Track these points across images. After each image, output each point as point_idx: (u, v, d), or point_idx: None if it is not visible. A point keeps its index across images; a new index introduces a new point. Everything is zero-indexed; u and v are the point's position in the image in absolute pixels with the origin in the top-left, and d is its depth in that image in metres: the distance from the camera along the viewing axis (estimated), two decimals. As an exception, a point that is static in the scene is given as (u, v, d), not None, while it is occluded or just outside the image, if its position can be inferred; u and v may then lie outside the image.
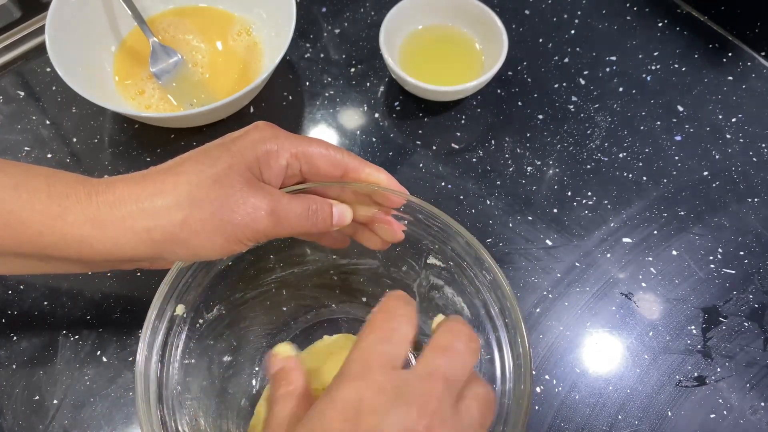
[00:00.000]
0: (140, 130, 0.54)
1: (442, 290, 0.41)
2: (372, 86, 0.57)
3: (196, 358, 0.38)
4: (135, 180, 0.31)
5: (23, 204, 0.30)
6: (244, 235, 0.32)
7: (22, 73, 0.57)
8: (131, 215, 0.30)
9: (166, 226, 0.30)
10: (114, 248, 0.31)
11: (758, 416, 0.44)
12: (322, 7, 0.62)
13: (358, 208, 0.37)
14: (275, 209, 0.32)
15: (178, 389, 0.36)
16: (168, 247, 0.31)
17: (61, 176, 0.32)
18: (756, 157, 0.54)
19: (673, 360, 0.45)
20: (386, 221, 0.38)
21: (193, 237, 0.31)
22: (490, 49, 0.55)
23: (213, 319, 0.40)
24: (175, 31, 0.58)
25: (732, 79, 0.58)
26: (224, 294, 0.40)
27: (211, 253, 0.32)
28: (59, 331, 0.45)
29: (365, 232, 0.39)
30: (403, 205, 0.37)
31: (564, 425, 0.43)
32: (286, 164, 0.34)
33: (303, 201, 0.34)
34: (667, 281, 0.48)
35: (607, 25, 0.61)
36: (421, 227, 0.38)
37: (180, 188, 0.31)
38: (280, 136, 0.34)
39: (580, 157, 0.54)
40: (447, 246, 0.38)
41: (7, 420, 0.42)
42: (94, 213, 0.30)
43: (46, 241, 0.30)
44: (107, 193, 0.31)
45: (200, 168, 0.31)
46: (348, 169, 0.36)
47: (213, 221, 0.31)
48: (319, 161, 0.35)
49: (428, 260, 0.40)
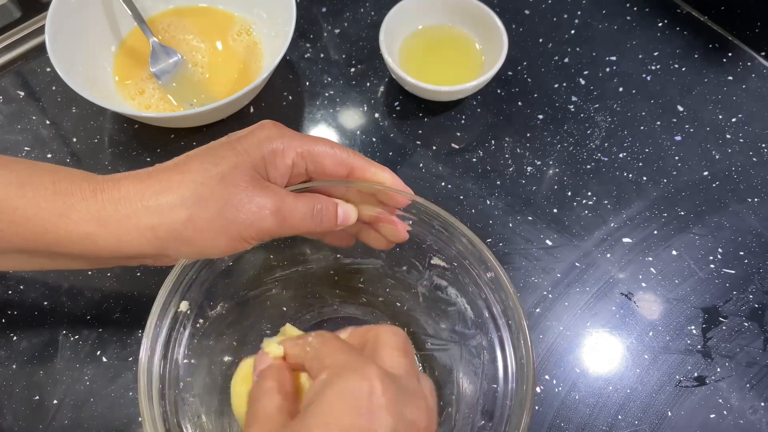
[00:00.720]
0: (140, 130, 0.54)
1: (445, 290, 0.41)
2: (372, 86, 0.57)
3: (198, 356, 0.38)
4: (140, 178, 0.31)
5: (28, 201, 0.30)
6: (248, 234, 0.32)
7: (22, 73, 0.57)
8: (136, 213, 0.30)
9: (170, 224, 0.30)
10: (118, 245, 0.31)
11: (758, 416, 0.44)
12: (322, 7, 0.62)
13: (363, 207, 0.37)
14: (280, 209, 0.32)
15: (180, 386, 0.36)
16: (172, 245, 0.31)
17: (66, 173, 0.32)
18: (756, 157, 0.54)
19: (673, 360, 0.45)
20: (391, 221, 0.38)
21: (198, 235, 0.31)
22: (490, 49, 0.55)
23: (216, 316, 0.40)
24: (175, 31, 0.58)
25: (732, 79, 0.58)
26: (227, 292, 0.40)
27: (215, 252, 0.32)
28: (59, 331, 0.45)
29: (370, 231, 0.39)
30: (407, 204, 0.37)
31: (564, 425, 0.43)
32: (292, 163, 0.34)
33: (308, 200, 0.34)
34: (667, 281, 0.48)
35: (607, 25, 0.61)
36: (426, 227, 0.38)
37: (185, 186, 0.31)
38: (285, 135, 0.34)
39: (580, 157, 0.54)
40: (451, 246, 0.38)
41: (7, 420, 0.42)
42: (99, 211, 0.30)
43: (51, 238, 0.31)
44: (112, 191, 0.31)
45: (206, 167, 0.31)
46: (354, 168, 0.36)
47: (218, 220, 0.31)
48: (325, 160, 0.35)
49: (432, 260, 0.40)
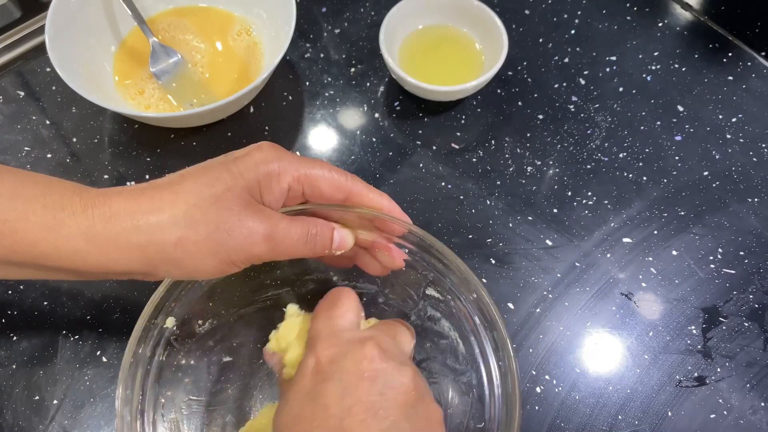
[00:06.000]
0: (140, 130, 0.54)
1: (439, 322, 0.41)
2: (372, 86, 0.57)
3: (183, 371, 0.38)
4: (133, 195, 0.31)
5: (18, 214, 0.30)
6: (238, 258, 0.31)
7: (22, 73, 0.57)
8: (125, 231, 0.30)
9: (159, 244, 0.30)
10: (107, 263, 0.31)
11: (758, 416, 0.44)
12: (322, 7, 0.62)
13: (360, 232, 0.37)
14: (272, 234, 0.32)
15: (161, 401, 0.36)
16: (161, 266, 0.31)
17: (57, 186, 0.31)
18: (756, 157, 0.54)
19: (673, 360, 0.45)
20: (387, 248, 0.37)
21: (187, 258, 0.31)
22: (490, 49, 0.55)
23: (204, 333, 0.39)
24: (175, 31, 0.58)
25: (732, 79, 0.58)
26: (218, 309, 0.40)
27: (204, 274, 0.32)
28: (59, 331, 0.45)
29: (365, 256, 0.38)
30: (404, 233, 0.37)
31: (564, 425, 0.43)
32: (288, 187, 0.33)
33: (302, 225, 0.33)
34: (667, 281, 0.48)
35: (607, 25, 0.61)
36: (422, 257, 0.38)
37: (177, 207, 0.30)
38: (283, 158, 0.33)
39: (580, 157, 0.54)
40: (445, 278, 0.38)
41: (7, 420, 0.42)
42: (89, 227, 0.30)
43: (39, 251, 0.30)
44: (103, 207, 0.30)
45: (199, 187, 0.31)
46: (351, 193, 0.35)
47: (207, 243, 0.30)
48: (322, 184, 0.34)
49: (427, 291, 0.40)
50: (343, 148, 0.54)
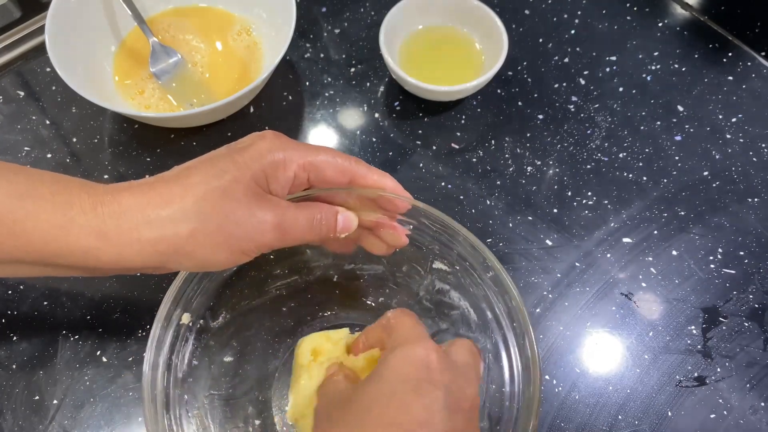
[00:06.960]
0: (140, 130, 0.54)
1: (448, 294, 0.41)
2: (372, 86, 0.57)
3: (202, 367, 0.38)
4: (142, 190, 0.31)
5: (27, 214, 0.30)
6: (249, 248, 0.32)
7: (22, 73, 0.57)
8: (137, 227, 0.30)
9: (171, 238, 0.30)
10: (119, 259, 0.31)
11: (758, 416, 0.44)
12: (322, 7, 0.62)
13: (363, 213, 0.37)
14: (281, 222, 0.32)
15: (185, 398, 0.36)
16: (173, 258, 0.31)
17: (65, 183, 0.32)
18: (756, 157, 0.54)
19: (673, 360, 0.45)
20: (391, 226, 0.38)
21: (199, 250, 0.31)
22: (490, 49, 0.55)
23: (218, 327, 0.40)
24: (175, 31, 0.58)
25: (732, 79, 0.58)
26: (230, 302, 0.40)
27: (216, 265, 0.32)
28: (59, 331, 0.45)
29: (370, 237, 0.39)
30: (408, 209, 0.37)
31: (564, 425, 0.43)
32: (294, 175, 0.34)
33: (308, 211, 0.34)
34: (667, 281, 0.48)
35: (607, 25, 0.61)
36: (426, 232, 0.38)
37: (187, 200, 0.31)
38: (287, 147, 0.33)
39: (580, 157, 0.54)
40: (452, 250, 0.38)
41: (7, 420, 0.42)
42: (100, 225, 0.30)
43: (51, 250, 0.31)
44: (113, 204, 0.30)
45: (207, 179, 0.31)
46: (355, 176, 0.36)
47: (218, 235, 0.31)
48: (326, 170, 0.35)
49: (434, 264, 0.40)
50: (343, 148, 0.54)
